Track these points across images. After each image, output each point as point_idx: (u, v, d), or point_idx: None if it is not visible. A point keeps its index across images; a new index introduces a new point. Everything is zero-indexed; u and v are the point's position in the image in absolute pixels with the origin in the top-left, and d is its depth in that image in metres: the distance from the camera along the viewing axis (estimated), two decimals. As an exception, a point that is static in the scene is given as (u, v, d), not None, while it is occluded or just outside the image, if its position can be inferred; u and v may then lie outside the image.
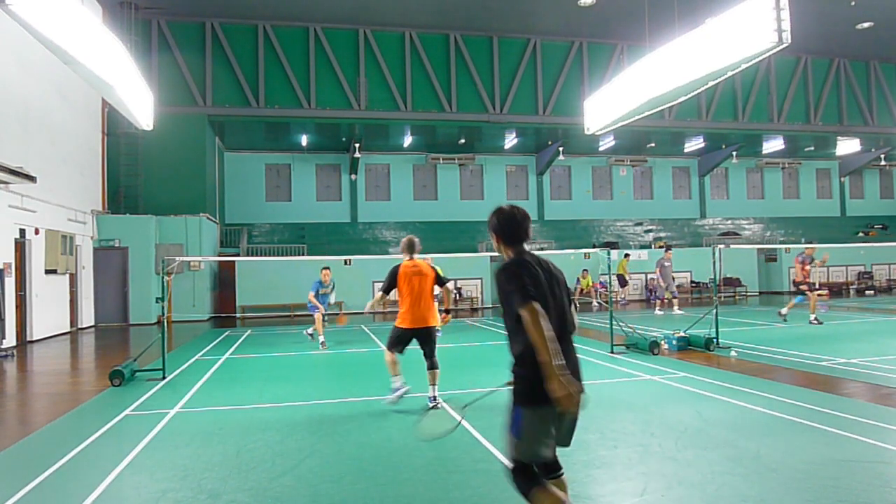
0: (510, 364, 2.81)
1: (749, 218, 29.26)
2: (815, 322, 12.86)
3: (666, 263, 16.18)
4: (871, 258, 25.19)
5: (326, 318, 12.14)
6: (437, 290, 6.62)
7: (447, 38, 21.83)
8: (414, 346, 6.37)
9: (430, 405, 6.19)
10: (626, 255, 20.95)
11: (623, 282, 20.67)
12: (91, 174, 17.46)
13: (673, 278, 16.70)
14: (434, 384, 6.28)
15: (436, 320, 6.40)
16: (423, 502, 3.83)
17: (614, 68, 21.75)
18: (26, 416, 6.77)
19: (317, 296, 11.50)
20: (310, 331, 12.32)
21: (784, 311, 13.64)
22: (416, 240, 6.48)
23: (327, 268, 11.83)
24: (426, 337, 6.32)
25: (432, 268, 6.48)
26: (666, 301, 16.69)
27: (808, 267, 13.24)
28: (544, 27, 21.78)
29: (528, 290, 2.68)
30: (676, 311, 16.19)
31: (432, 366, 6.31)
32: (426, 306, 6.26)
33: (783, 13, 6.55)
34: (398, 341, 6.27)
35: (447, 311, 6.69)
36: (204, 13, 19.77)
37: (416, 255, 6.41)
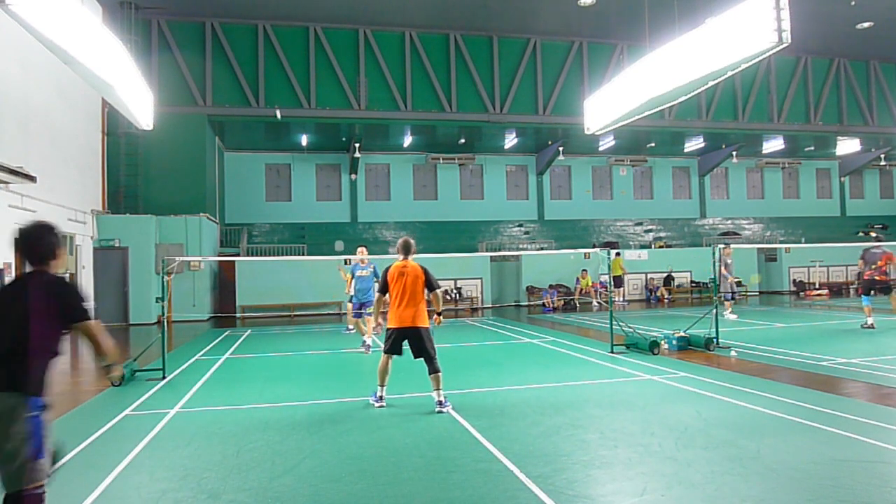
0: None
1: (749, 218, 29.26)
2: None
3: (728, 261, 14.73)
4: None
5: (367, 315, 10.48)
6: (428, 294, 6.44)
7: (447, 38, 21.82)
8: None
9: (437, 409, 6.01)
10: (617, 254, 20.86)
11: (618, 282, 20.24)
12: (91, 174, 17.45)
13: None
14: (438, 388, 6.10)
15: (424, 322, 6.24)
16: (423, 502, 3.83)
17: (614, 68, 21.75)
18: (26, 416, 6.76)
19: (353, 279, 10.53)
20: (367, 340, 10.58)
21: None
22: (412, 241, 6.48)
23: (363, 246, 10.77)
24: (415, 339, 6.17)
25: (424, 271, 6.32)
26: (727, 301, 14.94)
27: None
28: (544, 27, 21.78)
29: None
30: (729, 314, 14.61)
31: (432, 370, 6.14)
32: (412, 306, 6.17)
33: (783, 13, 6.54)
34: (390, 343, 6.27)
35: (438, 314, 6.61)
36: (204, 13, 19.77)
37: (411, 257, 6.39)
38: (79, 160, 16.45)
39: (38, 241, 3.06)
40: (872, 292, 12.21)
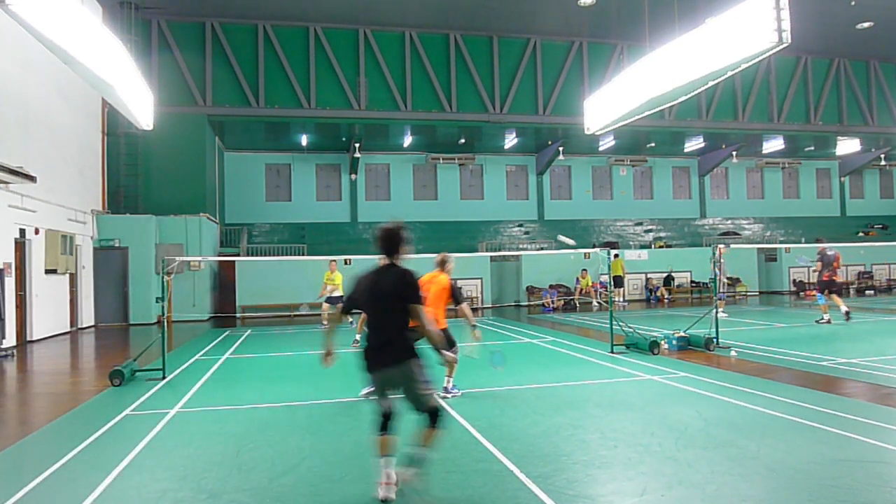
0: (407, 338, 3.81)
1: (749, 218, 29.26)
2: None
3: (721, 260, 15.23)
4: (871, 258, 25.17)
5: None
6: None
7: (447, 38, 21.82)
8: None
9: (442, 395, 6.51)
10: (616, 256, 20.77)
11: (618, 282, 20.21)
12: (91, 174, 17.45)
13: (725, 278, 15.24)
14: (449, 375, 6.69)
15: (443, 325, 6.67)
16: (423, 502, 3.82)
17: (614, 68, 21.74)
18: (26, 416, 6.77)
19: None
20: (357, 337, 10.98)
21: None
22: (448, 257, 7.00)
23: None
24: None
25: (451, 283, 6.81)
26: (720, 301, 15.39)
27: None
28: (544, 27, 21.78)
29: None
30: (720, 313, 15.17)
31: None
32: (434, 310, 6.49)
33: (783, 13, 6.55)
34: None
35: (473, 327, 6.92)
36: (204, 13, 19.77)
37: (445, 271, 6.88)
38: (79, 160, 16.45)
39: (396, 238, 3.83)
40: (827, 291, 12.93)
